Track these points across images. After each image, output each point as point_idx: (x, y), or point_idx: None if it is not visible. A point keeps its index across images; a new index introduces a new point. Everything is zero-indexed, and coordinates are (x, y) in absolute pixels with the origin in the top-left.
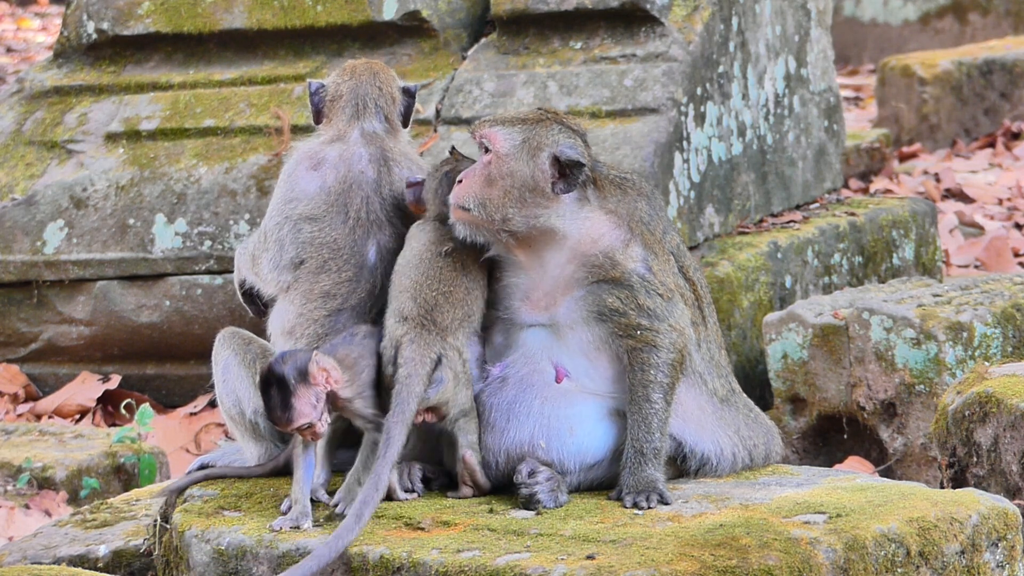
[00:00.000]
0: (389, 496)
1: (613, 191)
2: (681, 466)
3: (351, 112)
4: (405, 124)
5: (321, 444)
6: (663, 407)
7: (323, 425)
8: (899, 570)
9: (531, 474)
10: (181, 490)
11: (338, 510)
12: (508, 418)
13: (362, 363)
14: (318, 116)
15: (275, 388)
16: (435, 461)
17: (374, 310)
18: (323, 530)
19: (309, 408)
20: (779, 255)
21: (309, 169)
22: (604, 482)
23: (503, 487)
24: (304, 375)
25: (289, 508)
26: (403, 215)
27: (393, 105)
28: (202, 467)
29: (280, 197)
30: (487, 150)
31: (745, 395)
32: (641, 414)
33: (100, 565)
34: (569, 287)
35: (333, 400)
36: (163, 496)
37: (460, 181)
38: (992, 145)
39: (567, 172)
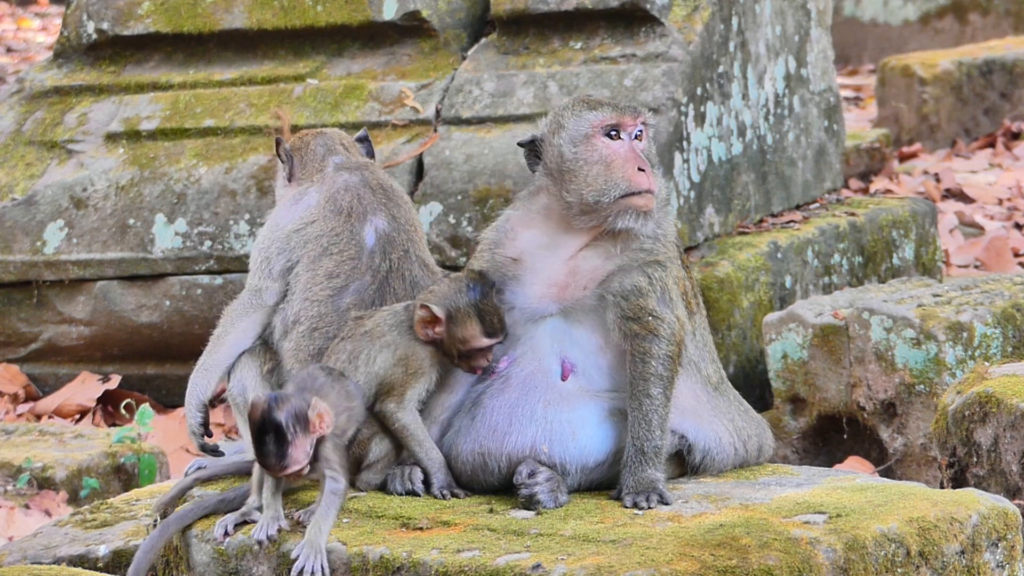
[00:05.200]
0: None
1: None
2: (688, 458)
3: (322, 152)
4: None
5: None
6: (663, 402)
7: (307, 468)
8: (899, 570)
9: (531, 475)
10: (175, 500)
11: (299, 557)
12: (511, 421)
13: (340, 405)
14: (291, 174)
15: (271, 436)
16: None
17: (377, 295)
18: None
19: (303, 455)
20: (779, 255)
21: (291, 205)
22: (604, 482)
23: (504, 490)
24: (304, 423)
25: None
26: (396, 203)
27: (354, 149)
28: (200, 468)
29: (265, 237)
30: (640, 137)
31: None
32: (642, 410)
33: (100, 565)
34: (604, 267)
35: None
36: (158, 511)
37: (642, 170)
38: (992, 145)
39: None
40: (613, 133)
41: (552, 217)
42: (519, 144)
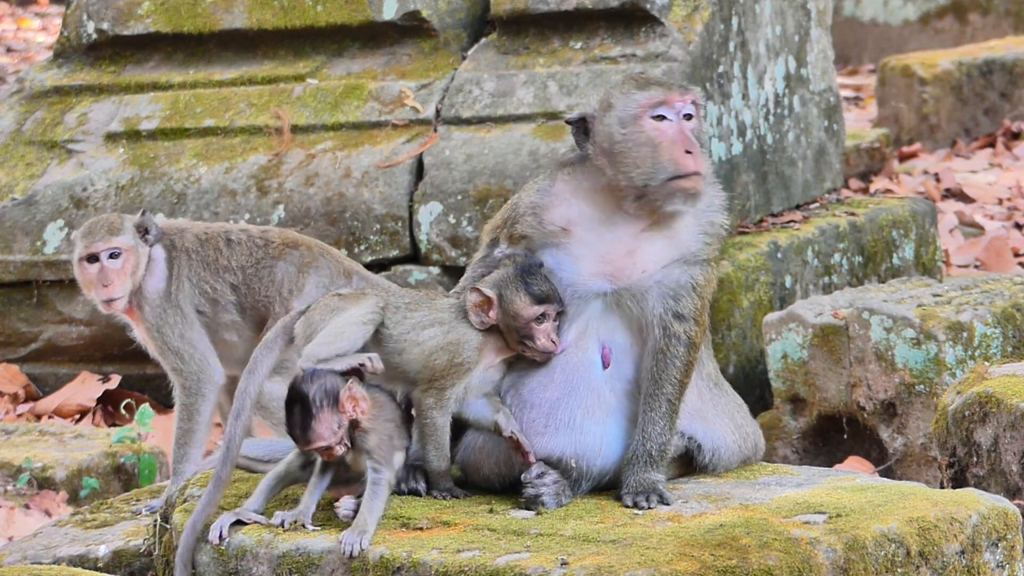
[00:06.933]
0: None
1: None
2: (697, 457)
3: None
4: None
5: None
6: (677, 407)
7: (342, 448)
8: (899, 570)
9: (539, 475)
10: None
11: (343, 540)
12: (547, 423)
13: (389, 404)
14: None
15: (298, 407)
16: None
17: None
18: (324, 530)
19: (329, 433)
20: (779, 255)
21: None
22: (606, 483)
23: (505, 490)
24: (334, 400)
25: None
26: None
27: None
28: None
29: None
30: (690, 116)
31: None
32: (660, 411)
33: (100, 565)
34: (667, 255)
35: (354, 427)
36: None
37: (690, 152)
38: (992, 145)
39: None
40: (661, 114)
41: (606, 194)
42: (567, 121)
